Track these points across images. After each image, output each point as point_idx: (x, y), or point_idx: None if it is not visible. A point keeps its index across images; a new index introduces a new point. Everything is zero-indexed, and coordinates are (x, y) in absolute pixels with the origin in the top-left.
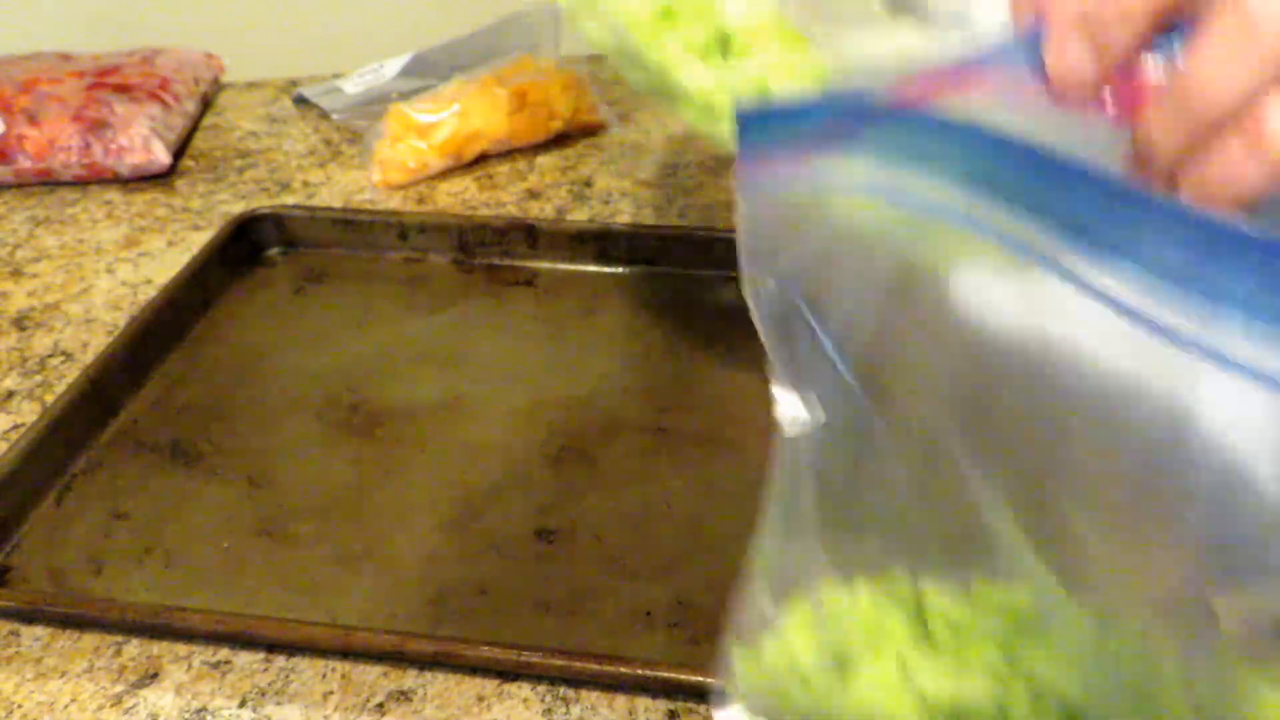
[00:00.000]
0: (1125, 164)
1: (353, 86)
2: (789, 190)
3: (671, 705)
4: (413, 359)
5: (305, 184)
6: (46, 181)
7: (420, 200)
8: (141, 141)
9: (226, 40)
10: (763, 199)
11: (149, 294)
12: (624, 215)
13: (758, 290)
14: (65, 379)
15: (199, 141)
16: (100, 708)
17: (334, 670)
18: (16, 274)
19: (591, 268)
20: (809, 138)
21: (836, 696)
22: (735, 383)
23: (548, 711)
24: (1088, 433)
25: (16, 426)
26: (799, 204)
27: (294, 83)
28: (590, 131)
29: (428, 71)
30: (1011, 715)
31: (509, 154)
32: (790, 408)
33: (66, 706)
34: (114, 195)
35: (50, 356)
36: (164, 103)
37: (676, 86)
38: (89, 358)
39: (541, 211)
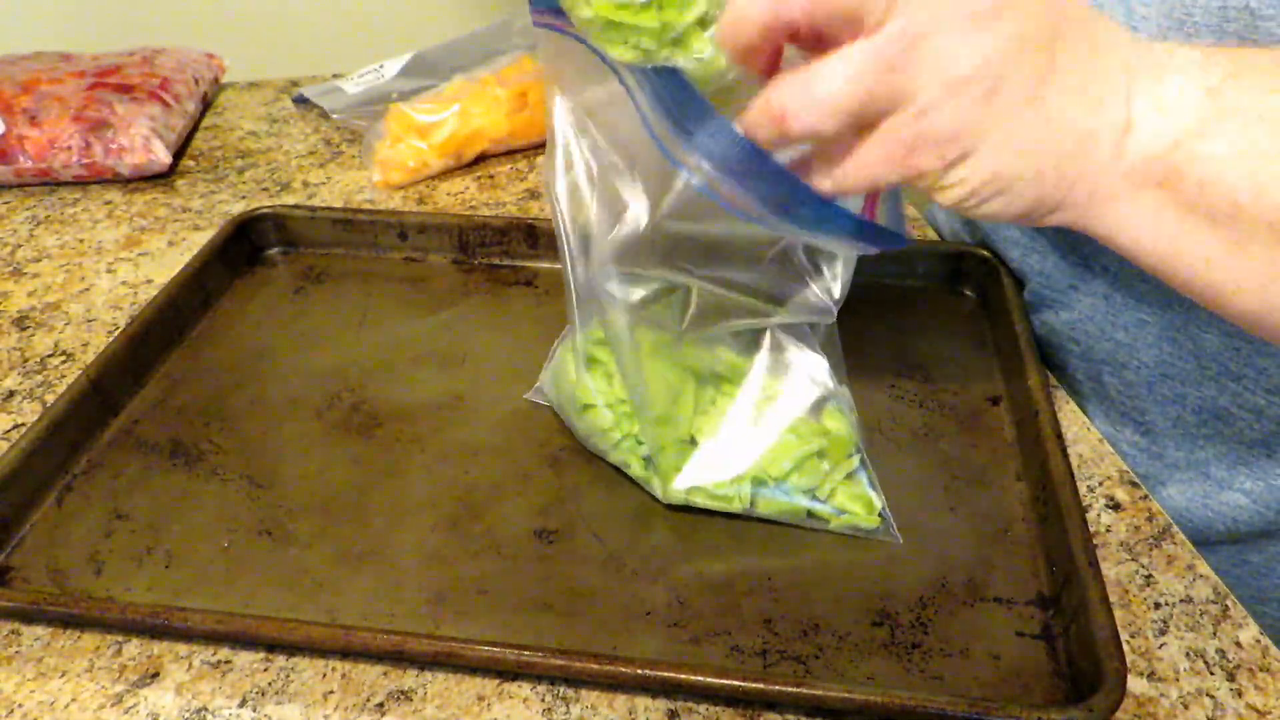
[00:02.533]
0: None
1: (353, 86)
2: (561, 35)
3: (671, 705)
4: (413, 359)
5: (305, 184)
6: (47, 181)
7: (420, 200)
8: (142, 141)
9: (226, 40)
10: (549, 37)
11: (149, 294)
12: None
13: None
14: (65, 379)
15: (199, 141)
16: (101, 707)
17: (334, 670)
18: (17, 274)
19: None
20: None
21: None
22: None
23: (548, 711)
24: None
25: (17, 426)
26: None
27: (294, 83)
28: None
29: (428, 71)
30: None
31: (509, 154)
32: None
33: (67, 706)
34: (114, 195)
35: (50, 356)
36: (164, 103)
37: None
38: (89, 358)
39: (541, 211)
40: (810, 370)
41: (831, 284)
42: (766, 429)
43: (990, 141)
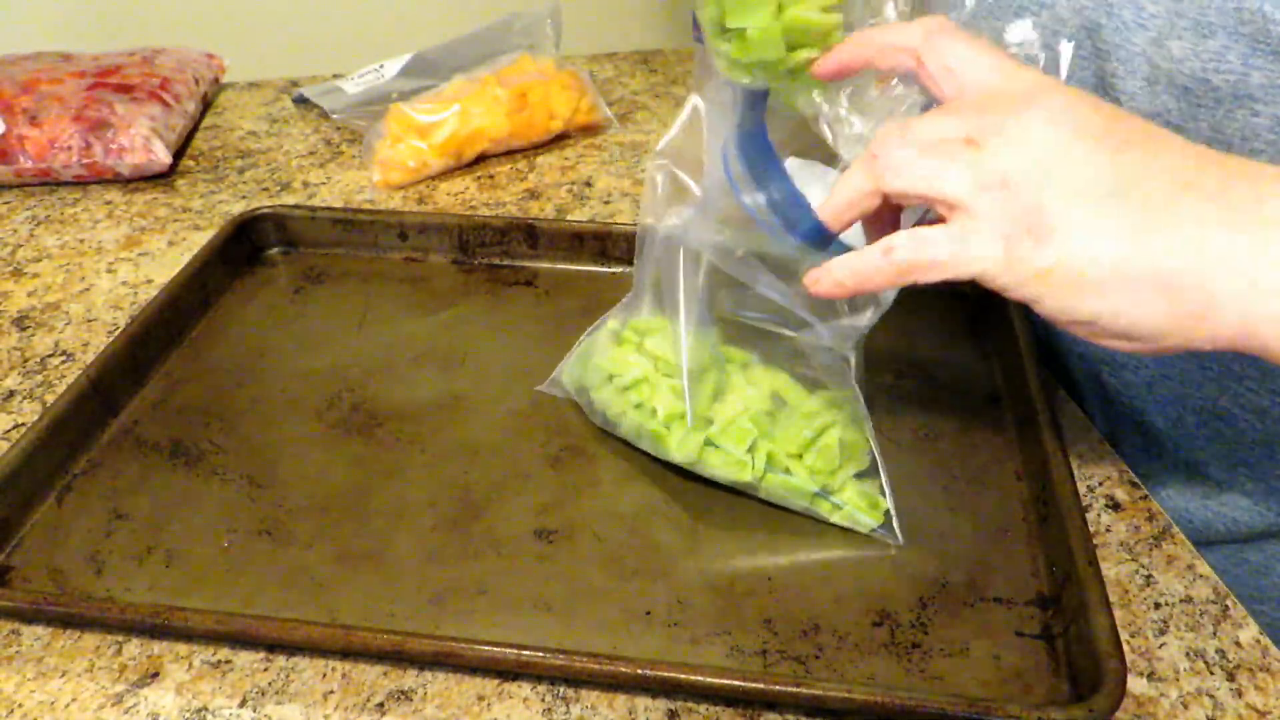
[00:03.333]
0: None
1: (353, 86)
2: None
3: (671, 705)
4: (413, 359)
5: (305, 184)
6: (47, 181)
7: (420, 200)
8: (142, 141)
9: (226, 40)
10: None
11: (149, 294)
12: (624, 215)
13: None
14: (66, 379)
15: (199, 141)
16: (101, 707)
17: (334, 670)
18: (17, 274)
19: (591, 268)
20: None
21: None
22: None
23: (548, 711)
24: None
25: (17, 426)
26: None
27: (294, 83)
28: (590, 131)
29: (428, 71)
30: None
31: (509, 154)
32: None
33: (67, 706)
34: (114, 195)
35: (51, 356)
36: (164, 103)
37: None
38: (89, 358)
39: (541, 211)
40: (835, 375)
41: (858, 320)
42: (787, 414)
43: (1072, 219)
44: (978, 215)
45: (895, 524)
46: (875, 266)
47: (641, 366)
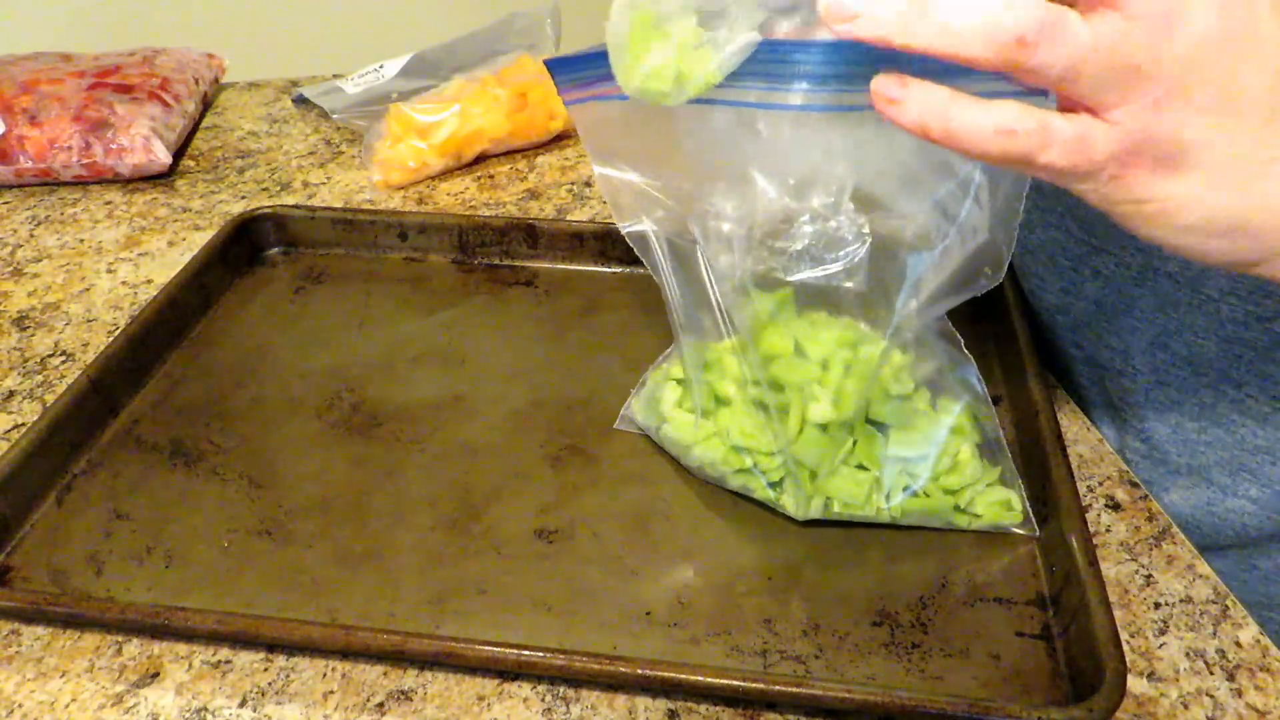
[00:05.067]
0: None
1: (353, 86)
2: (604, 102)
3: (671, 705)
4: (413, 359)
5: (305, 184)
6: (47, 181)
7: (420, 200)
8: (142, 141)
9: (226, 40)
10: (587, 109)
11: (149, 294)
12: None
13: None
14: (66, 379)
15: (199, 141)
16: (101, 707)
17: (334, 670)
18: (17, 274)
19: (591, 268)
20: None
21: (664, 420)
22: None
23: (548, 711)
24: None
25: (17, 426)
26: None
27: (294, 83)
28: None
29: (428, 71)
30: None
31: (509, 154)
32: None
33: (67, 706)
34: (114, 195)
35: (51, 356)
36: (164, 103)
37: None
38: (89, 358)
39: (541, 211)
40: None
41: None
42: (905, 440)
43: (1203, 157)
44: (1108, 124)
45: (1030, 515)
46: (978, 131)
47: (721, 435)
